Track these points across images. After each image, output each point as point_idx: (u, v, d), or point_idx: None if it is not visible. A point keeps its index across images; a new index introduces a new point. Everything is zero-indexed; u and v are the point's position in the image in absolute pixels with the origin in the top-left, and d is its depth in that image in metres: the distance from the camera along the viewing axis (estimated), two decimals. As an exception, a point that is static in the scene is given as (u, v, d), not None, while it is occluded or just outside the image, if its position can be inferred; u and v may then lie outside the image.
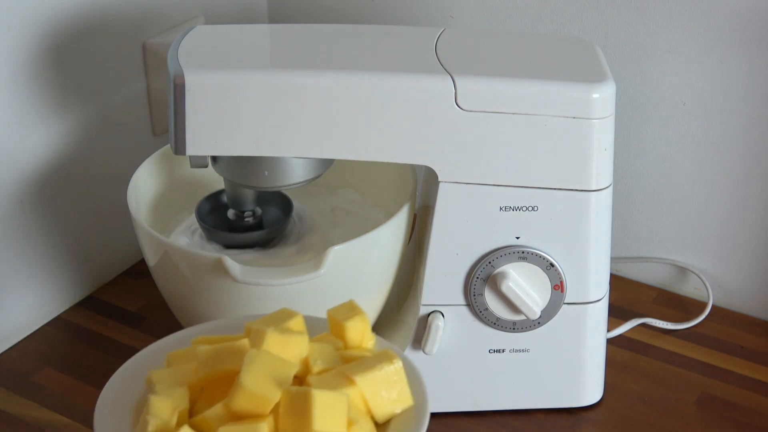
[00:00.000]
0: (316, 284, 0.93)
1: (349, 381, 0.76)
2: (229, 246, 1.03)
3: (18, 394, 1.07)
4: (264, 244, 1.03)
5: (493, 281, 0.97)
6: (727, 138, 1.13)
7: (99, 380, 1.09)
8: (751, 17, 1.07)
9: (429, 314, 0.99)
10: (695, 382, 1.09)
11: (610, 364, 1.09)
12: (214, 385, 0.77)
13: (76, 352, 1.13)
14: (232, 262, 0.92)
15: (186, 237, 1.05)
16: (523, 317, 0.98)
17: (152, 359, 0.82)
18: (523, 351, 1.01)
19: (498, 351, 1.01)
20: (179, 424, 0.74)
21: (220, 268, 0.92)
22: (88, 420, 1.04)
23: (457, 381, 1.02)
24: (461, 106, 0.92)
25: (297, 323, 0.79)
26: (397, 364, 0.77)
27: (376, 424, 0.77)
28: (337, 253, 0.93)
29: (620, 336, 1.14)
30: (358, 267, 0.97)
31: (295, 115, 0.91)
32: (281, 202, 1.06)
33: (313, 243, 1.04)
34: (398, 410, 0.77)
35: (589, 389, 1.04)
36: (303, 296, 0.93)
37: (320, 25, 1.04)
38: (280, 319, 0.79)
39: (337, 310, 0.82)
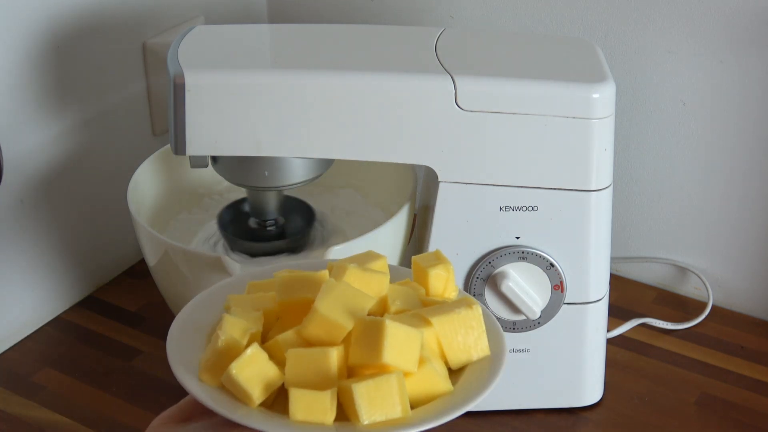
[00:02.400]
0: (316, 284, 0.93)
1: (426, 321, 0.74)
2: (252, 255, 1.02)
3: (18, 394, 1.07)
4: (290, 252, 1.03)
5: (493, 281, 0.97)
6: (726, 138, 1.13)
7: (99, 380, 1.09)
8: (751, 17, 1.07)
9: (429, 314, 0.99)
10: (695, 382, 1.09)
11: (610, 364, 1.09)
12: (289, 314, 0.75)
13: (76, 352, 1.13)
14: (232, 261, 0.92)
15: (208, 247, 1.05)
16: (523, 317, 0.98)
17: (233, 289, 0.81)
18: (523, 351, 1.01)
19: (498, 351, 1.01)
20: (249, 344, 0.72)
21: (220, 268, 0.92)
22: (88, 420, 1.04)
23: (457, 381, 1.02)
24: (461, 106, 0.92)
25: (381, 265, 0.78)
26: (477, 310, 0.75)
27: (450, 370, 0.75)
28: (337, 253, 0.93)
29: (620, 336, 1.14)
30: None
31: (294, 115, 0.91)
32: (303, 210, 1.06)
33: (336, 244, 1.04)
34: (474, 358, 0.75)
35: (589, 389, 1.04)
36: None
37: (320, 25, 1.04)
38: (363, 259, 0.78)
39: (423, 258, 0.80)
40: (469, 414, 1.04)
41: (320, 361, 0.71)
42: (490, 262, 0.97)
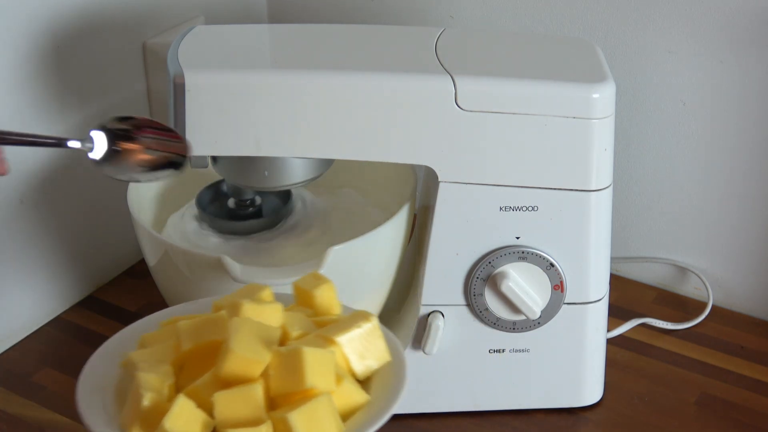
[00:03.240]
0: (316, 284, 0.93)
1: (330, 341, 0.78)
2: (229, 232, 1.03)
3: (18, 394, 1.07)
4: (266, 229, 1.04)
5: (493, 281, 0.97)
6: (726, 138, 1.13)
7: (99, 380, 1.09)
8: (751, 17, 1.07)
9: (429, 314, 0.99)
10: (695, 382, 1.09)
11: (610, 364, 1.09)
12: (194, 361, 0.78)
13: (76, 352, 1.13)
14: (232, 261, 0.92)
15: (195, 222, 1.05)
16: (523, 317, 0.98)
17: (123, 345, 0.83)
18: (523, 351, 1.01)
19: (498, 351, 1.01)
20: (171, 397, 0.75)
21: (220, 268, 0.92)
22: (88, 420, 1.04)
23: (457, 381, 1.02)
24: (461, 106, 0.92)
25: (267, 295, 0.81)
26: (374, 322, 0.79)
27: (358, 381, 0.79)
28: (337, 253, 0.93)
29: (620, 336, 1.14)
30: (358, 267, 0.97)
31: (294, 115, 0.91)
32: (281, 192, 1.06)
33: (315, 238, 1.04)
34: (378, 365, 0.80)
35: (589, 389, 1.04)
36: (303, 296, 0.93)
37: (320, 25, 1.04)
38: (248, 293, 0.82)
39: (303, 281, 0.84)
40: (469, 414, 1.04)
41: (248, 399, 0.73)
42: (490, 262, 0.97)
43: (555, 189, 0.95)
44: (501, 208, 0.95)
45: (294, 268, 0.93)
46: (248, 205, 1.04)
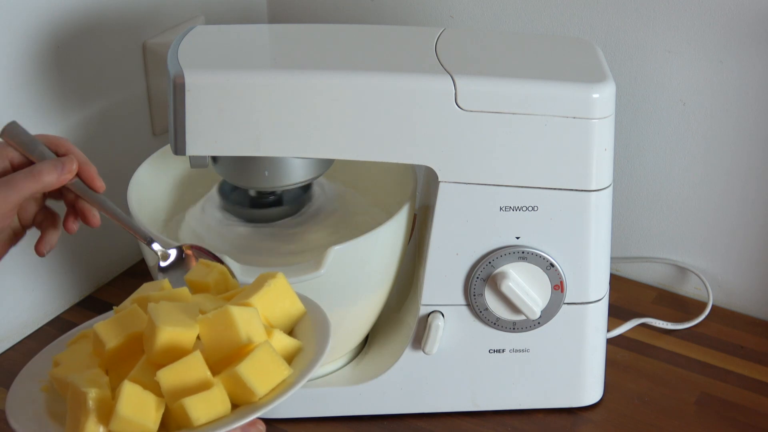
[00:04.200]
0: (317, 284, 0.93)
1: (245, 305, 0.79)
2: (253, 221, 1.03)
3: (18, 394, 1.07)
4: (288, 216, 1.03)
5: (493, 281, 0.97)
6: (726, 138, 1.13)
7: (99, 380, 1.09)
8: (751, 18, 1.07)
9: (429, 314, 0.99)
10: (695, 382, 1.09)
11: (610, 364, 1.09)
12: (118, 361, 0.79)
13: (76, 352, 1.13)
14: (232, 261, 0.92)
15: (219, 213, 1.04)
16: (523, 317, 0.98)
17: (36, 373, 0.84)
18: (523, 351, 1.01)
19: (498, 351, 1.01)
20: (113, 388, 0.76)
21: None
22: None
23: (457, 381, 1.02)
24: (461, 106, 0.92)
25: (166, 285, 0.84)
26: (281, 276, 0.82)
27: None
28: (337, 253, 0.93)
29: (620, 336, 1.14)
30: (358, 267, 0.97)
31: (294, 115, 0.91)
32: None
33: (340, 221, 1.04)
34: (295, 317, 0.82)
35: (589, 389, 1.04)
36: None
37: (320, 25, 1.04)
38: (147, 289, 0.84)
39: (192, 273, 0.87)
40: (469, 414, 1.04)
41: (192, 367, 0.75)
42: (490, 262, 0.97)
43: (555, 189, 0.95)
44: (501, 208, 0.95)
45: (293, 268, 0.93)
46: (269, 194, 1.03)
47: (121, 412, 0.73)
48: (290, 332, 0.83)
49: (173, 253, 0.91)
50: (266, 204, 1.03)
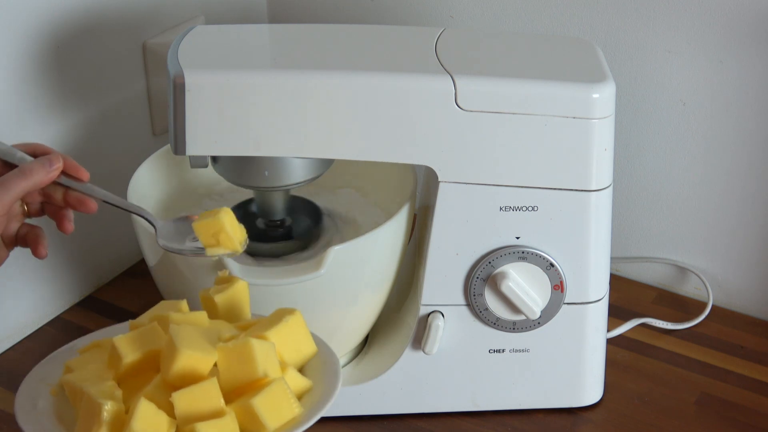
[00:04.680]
0: (317, 284, 0.93)
1: (262, 338, 0.80)
2: (259, 255, 1.02)
3: (18, 394, 1.07)
4: (298, 251, 1.03)
5: (493, 281, 0.97)
6: (726, 138, 1.13)
7: (99, 380, 1.09)
8: (751, 18, 1.07)
9: (429, 314, 0.99)
10: (695, 382, 1.09)
11: (610, 364, 1.09)
12: (132, 375, 0.80)
13: (76, 352, 1.13)
14: (232, 261, 0.92)
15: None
16: (523, 317, 0.98)
17: (46, 375, 0.85)
18: (523, 351, 1.01)
19: (498, 351, 1.01)
20: (128, 409, 0.76)
21: (220, 268, 0.92)
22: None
23: (457, 381, 1.02)
24: (461, 106, 0.92)
25: (185, 308, 0.85)
26: (298, 315, 0.83)
27: None
28: (337, 253, 0.93)
29: (620, 336, 1.14)
30: (358, 267, 0.97)
31: (294, 115, 0.91)
32: (310, 210, 1.06)
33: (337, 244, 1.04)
34: (306, 355, 0.84)
35: (589, 389, 1.04)
36: (303, 296, 0.93)
37: (320, 25, 1.04)
38: (165, 308, 0.85)
39: (213, 290, 0.88)
40: (469, 414, 1.04)
41: (207, 394, 0.76)
42: (490, 262, 0.97)
43: (555, 189, 0.95)
44: (501, 208, 0.95)
45: (294, 268, 0.93)
46: (278, 226, 1.03)
47: (134, 429, 0.74)
48: (300, 370, 0.84)
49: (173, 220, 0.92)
50: (273, 237, 1.02)
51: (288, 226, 1.03)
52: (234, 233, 0.89)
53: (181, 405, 0.76)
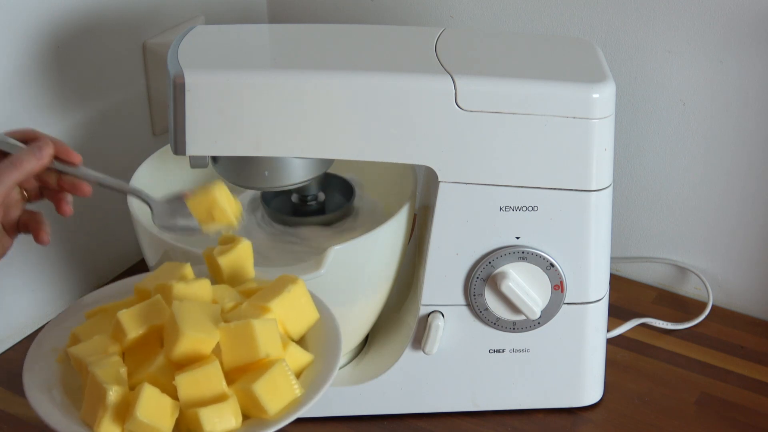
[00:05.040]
0: (317, 284, 0.93)
1: (264, 309, 0.81)
2: (291, 225, 1.04)
3: (18, 394, 1.07)
4: (325, 225, 1.04)
5: (493, 281, 0.97)
6: (726, 138, 1.13)
7: (99, 380, 1.09)
8: (751, 18, 1.07)
9: (429, 314, 0.99)
10: (695, 382, 1.09)
11: (610, 364, 1.09)
12: (136, 347, 0.81)
13: (76, 352, 1.13)
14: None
15: (245, 215, 1.05)
16: (523, 317, 0.98)
17: (54, 339, 0.86)
18: (523, 351, 1.01)
19: (498, 351, 1.01)
20: (132, 386, 0.77)
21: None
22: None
23: (457, 381, 1.02)
24: (461, 106, 0.92)
25: (189, 272, 0.85)
26: (300, 283, 0.83)
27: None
28: (337, 253, 0.93)
29: (620, 336, 1.14)
30: (358, 267, 0.97)
31: (294, 115, 0.91)
32: (344, 187, 1.07)
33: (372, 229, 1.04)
34: (309, 324, 0.84)
35: (589, 389, 1.04)
36: (303, 296, 0.93)
37: (320, 25, 1.04)
38: (169, 272, 0.85)
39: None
40: (469, 414, 1.04)
41: (209, 377, 0.77)
42: (490, 262, 0.97)
43: (555, 189, 0.95)
44: (501, 208, 0.95)
45: (294, 268, 0.93)
46: (311, 201, 1.05)
47: (139, 416, 0.75)
48: (301, 338, 0.84)
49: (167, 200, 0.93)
50: (305, 212, 1.04)
51: (321, 202, 1.05)
52: (228, 207, 0.89)
53: (184, 389, 0.76)
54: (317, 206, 1.05)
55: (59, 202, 0.90)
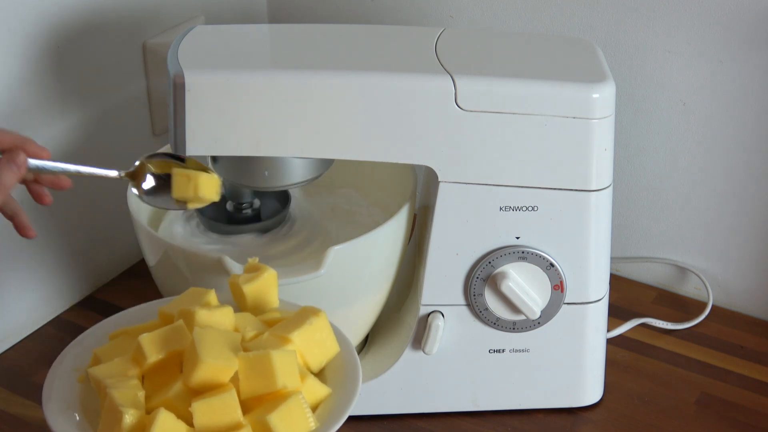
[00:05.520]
0: (317, 284, 0.93)
1: (285, 340, 0.81)
2: (227, 234, 1.04)
3: (18, 394, 1.07)
4: (262, 232, 1.04)
5: (493, 281, 0.97)
6: (726, 138, 1.13)
7: (99, 380, 1.09)
8: (751, 18, 1.07)
9: (429, 314, 0.99)
10: (695, 382, 1.09)
11: (610, 364, 1.09)
12: (156, 371, 0.81)
13: (76, 352, 1.13)
14: (232, 262, 0.92)
15: (180, 225, 1.05)
16: (523, 317, 0.98)
17: (77, 358, 0.85)
18: (523, 351, 1.01)
19: (498, 351, 1.01)
20: (149, 410, 0.77)
21: (221, 268, 0.92)
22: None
23: (457, 381, 1.02)
24: (461, 106, 0.92)
25: (213, 299, 0.85)
26: (323, 316, 0.83)
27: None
28: (337, 253, 0.93)
29: (620, 336, 1.14)
30: (358, 267, 0.97)
31: (294, 115, 0.91)
32: (279, 194, 1.06)
33: (310, 237, 1.04)
34: (329, 357, 0.84)
35: (589, 389, 1.04)
36: (303, 296, 0.93)
37: (320, 25, 1.04)
38: (194, 298, 0.85)
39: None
40: (468, 414, 1.04)
41: (225, 405, 0.76)
42: (490, 262, 0.97)
43: (555, 189, 0.95)
44: (501, 208, 0.95)
45: (293, 268, 0.93)
46: (246, 208, 1.04)
47: None
48: (321, 371, 0.84)
49: (150, 179, 0.94)
50: (240, 220, 1.04)
51: (256, 209, 1.05)
52: (207, 184, 0.92)
53: (200, 416, 0.76)
54: (252, 213, 1.05)
55: (37, 194, 0.90)
